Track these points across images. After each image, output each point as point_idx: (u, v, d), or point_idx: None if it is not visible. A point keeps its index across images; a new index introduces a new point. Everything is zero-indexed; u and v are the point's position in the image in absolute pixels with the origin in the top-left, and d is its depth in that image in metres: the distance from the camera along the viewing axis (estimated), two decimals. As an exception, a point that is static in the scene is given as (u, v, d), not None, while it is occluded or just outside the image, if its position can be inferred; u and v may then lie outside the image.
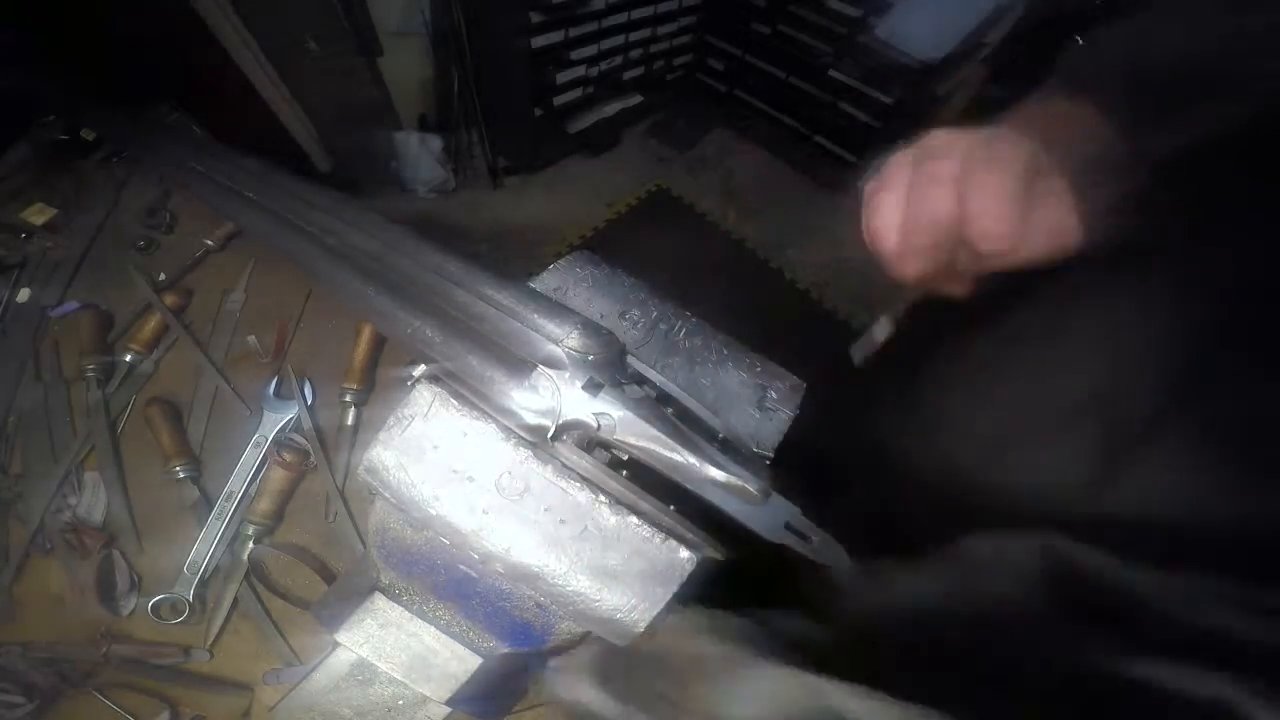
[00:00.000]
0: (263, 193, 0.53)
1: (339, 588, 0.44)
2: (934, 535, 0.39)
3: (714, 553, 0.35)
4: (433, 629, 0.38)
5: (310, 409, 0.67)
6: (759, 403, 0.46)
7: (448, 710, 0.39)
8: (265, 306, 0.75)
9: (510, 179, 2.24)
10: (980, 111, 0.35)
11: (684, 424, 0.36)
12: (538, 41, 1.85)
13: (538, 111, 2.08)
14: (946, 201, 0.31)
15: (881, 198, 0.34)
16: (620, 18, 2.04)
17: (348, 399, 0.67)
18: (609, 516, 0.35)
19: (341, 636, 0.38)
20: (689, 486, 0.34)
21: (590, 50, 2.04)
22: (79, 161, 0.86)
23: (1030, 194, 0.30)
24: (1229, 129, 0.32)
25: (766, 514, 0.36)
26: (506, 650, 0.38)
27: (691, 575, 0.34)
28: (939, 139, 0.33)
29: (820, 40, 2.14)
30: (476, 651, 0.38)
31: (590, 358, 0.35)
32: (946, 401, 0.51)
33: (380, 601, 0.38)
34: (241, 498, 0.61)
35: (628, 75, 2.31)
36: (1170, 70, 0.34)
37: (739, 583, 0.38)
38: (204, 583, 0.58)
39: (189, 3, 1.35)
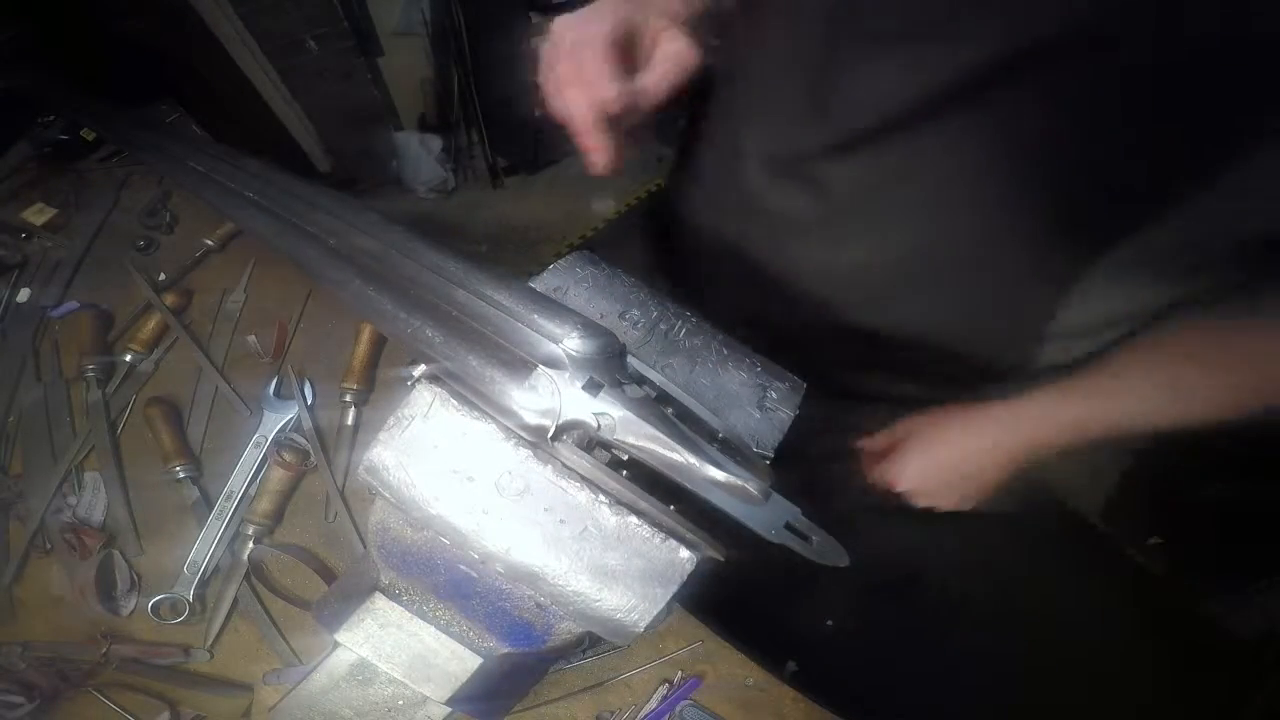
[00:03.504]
0: (263, 193, 0.53)
1: (339, 588, 0.44)
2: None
3: (714, 553, 0.35)
4: (433, 629, 0.38)
5: (310, 409, 0.67)
6: (759, 403, 0.46)
7: (448, 710, 0.40)
8: (265, 306, 0.75)
9: (510, 179, 2.23)
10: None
11: (684, 424, 0.36)
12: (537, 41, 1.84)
13: (538, 111, 2.07)
14: (579, 99, 0.43)
15: (544, 89, 0.47)
16: (620, 17, 2.04)
17: (348, 399, 0.67)
18: (609, 516, 0.35)
19: (341, 636, 0.38)
20: (689, 486, 0.34)
21: (590, 50, 2.04)
22: (79, 161, 0.87)
23: (626, 48, 0.43)
24: None
25: (766, 514, 0.36)
26: (506, 650, 0.38)
27: (691, 575, 0.34)
28: (556, 28, 0.45)
29: (820, 40, 2.14)
30: (476, 651, 0.38)
31: (590, 358, 0.35)
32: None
33: (380, 601, 0.38)
34: (241, 498, 0.61)
35: (628, 75, 2.31)
36: None
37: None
38: (204, 583, 0.57)
39: (189, 3, 1.35)
